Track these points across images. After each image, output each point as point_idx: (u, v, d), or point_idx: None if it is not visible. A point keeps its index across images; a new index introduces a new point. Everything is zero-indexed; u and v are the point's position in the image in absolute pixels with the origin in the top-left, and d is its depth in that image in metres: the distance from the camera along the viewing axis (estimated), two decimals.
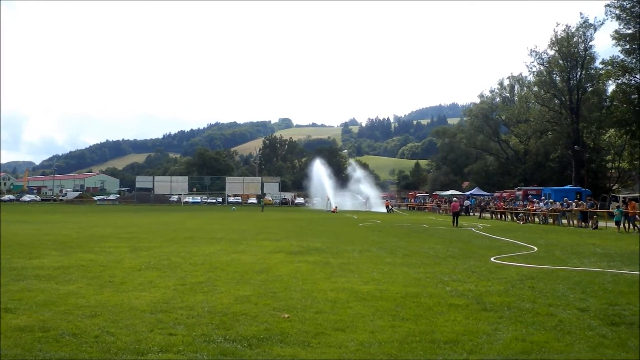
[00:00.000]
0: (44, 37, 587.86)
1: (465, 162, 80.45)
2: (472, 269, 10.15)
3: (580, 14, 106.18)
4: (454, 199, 34.48)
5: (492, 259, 11.78)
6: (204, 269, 9.93)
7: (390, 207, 52.45)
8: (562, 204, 30.03)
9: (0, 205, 59.79)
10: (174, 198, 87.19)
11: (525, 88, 66.94)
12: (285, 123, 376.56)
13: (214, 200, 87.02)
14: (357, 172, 77.99)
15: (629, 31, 43.05)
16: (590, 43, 51.55)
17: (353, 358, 4.69)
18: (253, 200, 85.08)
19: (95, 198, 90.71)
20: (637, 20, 42.56)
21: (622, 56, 44.15)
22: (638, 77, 44.39)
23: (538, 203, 33.19)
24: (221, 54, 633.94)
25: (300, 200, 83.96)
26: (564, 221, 28.98)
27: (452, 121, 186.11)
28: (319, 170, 68.14)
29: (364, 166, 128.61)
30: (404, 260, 11.65)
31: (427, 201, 60.58)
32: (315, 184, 69.99)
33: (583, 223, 27.23)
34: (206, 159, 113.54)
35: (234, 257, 11.77)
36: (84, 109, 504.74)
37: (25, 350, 4.80)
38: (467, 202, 46.95)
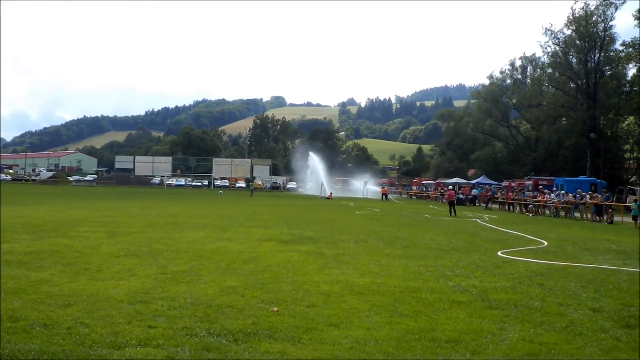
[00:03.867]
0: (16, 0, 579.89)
1: (472, 148, 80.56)
2: (477, 263, 10.19)
3: None
4: (449, 187, 34.61)
5: (498, 253, 11.83)
6: (187, 257, 9.92)
7: (387, 194, 52.40)
8: (575, 196, 30.17)
9: None
10: (156, 180, 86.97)
11: (538, 70, 66.87)
12: (278, 101, 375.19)
13: (200, 184, 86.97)
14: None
15: None
16: (611, 23, 51.43)
17: (347, 356, 4.68)
18: (241, 184, 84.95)
19: (71, 179, 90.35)
20: None
21: None
22: None
23: (549, 194, 33.32)
24: (209, 24, 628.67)
25: (292, 185, 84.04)
26: (577, 214, 29.14)
27: (459, 103, 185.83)
28: (313, 160, 68.14)
29: (362, 150, 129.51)
30: (403, 252, 11.68)
31: (430, 189, 60.61)
32: (308, 169, 70.09)
33: (597, 217, 27.36)
34: (192, 138, 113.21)
35: (220, 245, 11.77)
36: (60, 81, 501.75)
37: None
38: (473, 192, 47.08)
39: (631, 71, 51.64)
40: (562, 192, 32.68)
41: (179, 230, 14.89)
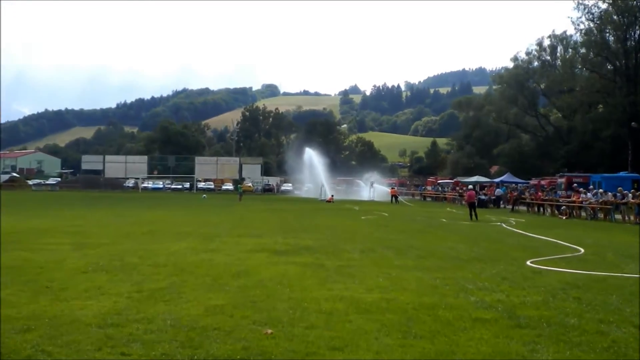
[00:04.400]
0: None
1: (495, 141, 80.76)
2: (503, 275, 10.18)
3: None
4: (469, 186, 34.67)
5: (527, 263, 11.83)
6: (167, 271, 9.91)
7: (397, 196, 52.51)
8: (615, 195, 30.16)
9: None
10: (130, 183, 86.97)
11: (570, 50, 66.95)
12: (270, 90, 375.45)
13: (180, 186, 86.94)
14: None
15: None
16: None
17: None
18: (229, 186, 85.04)
19: (31, 182, 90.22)
20: None
21: None
22: None
23: (585, 194, 33.34)
24: (190, 1, 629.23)
25: (287, 187, 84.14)
26: (618, 216, 29.14)
27: (479, 90, 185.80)
28: (311, 157, 68.25)
29: (368, 145, 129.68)
30: (416, 262, 11.68)
31: (447, 189, 60.67)
32: (306, 168, 70.13)
33: None
34: (171, 134, 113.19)
35: (205, 257, 11.78)
36: (16, 68, 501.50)
37: None
38: (497, 191, 47.14)
39: None
40: (600, 190, 32.67)
41: (157, 241, 14.90)
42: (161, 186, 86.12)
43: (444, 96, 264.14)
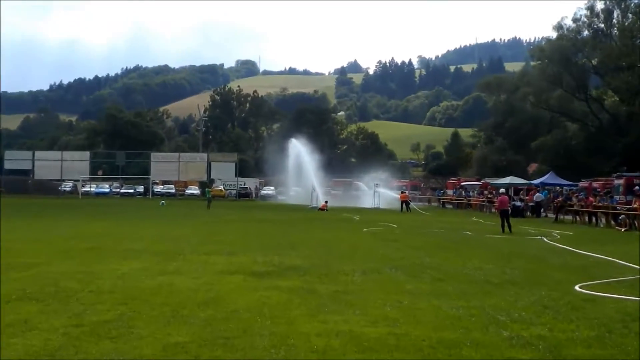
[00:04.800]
0: None
1: (533, 132, 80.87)
2: (545, 303, 10.19)
3: None
4: (501, 190, 34.72)
5: (576, 287, 11.84)
6: (114, 299, 9.86)
7: (408, 202, 52.49)
8: None
9: None
10: (67, 186, 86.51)
11: (630, 16, 67.06)
12: (247, 68, 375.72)
13: (132, 191, 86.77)
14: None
15: None
16: None
17: None
18: (194, 190, 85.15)
19: None
20: None
21: None
22: None
23: None
24: None
25: (269, 191, 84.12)
26: None
27: (512, 67, 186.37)
28: (299, 152, 68.26)
29: (372, 138, 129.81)
30: (433, 287, 11.70)
31: (472, 194, 60.71)
32: (292, 167, 70.11)
33: None
34: (119, 124, 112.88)
35: (163, 281, 11.76)
36: None
37: None
38: (537, 196, 47.20)
39: None
40: None
41: (102, 260, 14.85)
42: (107, 190, 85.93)
43: (468, 75, 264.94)
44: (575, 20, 71.24)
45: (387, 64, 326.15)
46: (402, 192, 57.24)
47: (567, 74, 70.41)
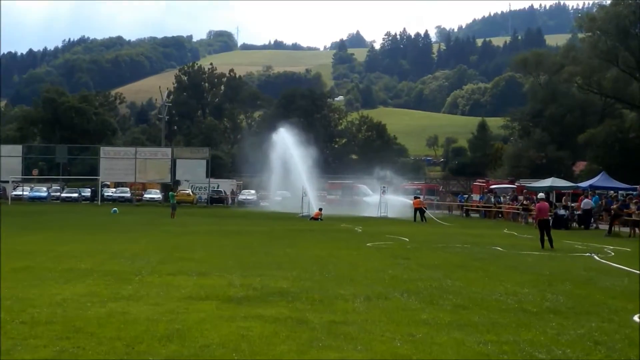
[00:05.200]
0: None
1: (581, 122, 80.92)
2: (595, 337, 10.17)
3: None
4: (540, 195, 34.68)
5: (634, 318, 11.82)
6: (53, 332, 9.80)
7: (423, 210, 52.46)
8: None
9: None
10: None
11: None
12: (222, 41, 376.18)
13: (76, 195, 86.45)
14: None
15: None
16: None
17: None
18: (155, 194, 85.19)
19: None
20: None
21: None
22: None
23: None
24: None
25: (249, 195, 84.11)
26: None
27: (554, 40, 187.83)
28: (286, 145, 68.08)
29: (378, 129, 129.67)
30: (455, 316, 11.69)
31: (504, 199, 60.63)
32: (278, 166, 69.91)
33: None
34: (60, 110, 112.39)
35: (115, 308, 11.72)
36: None
37: None
38: (586, 203, 47.08)
39: None
40: None
41: (38, 283, 14.79)
42: (45, 194, 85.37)
43: (499, 51, 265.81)
44: None
45: (398, 36, 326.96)
46: (415, 198, 57.19)
47: (625, 49, 70.21)
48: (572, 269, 19.98)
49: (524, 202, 52.98)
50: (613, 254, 25.49)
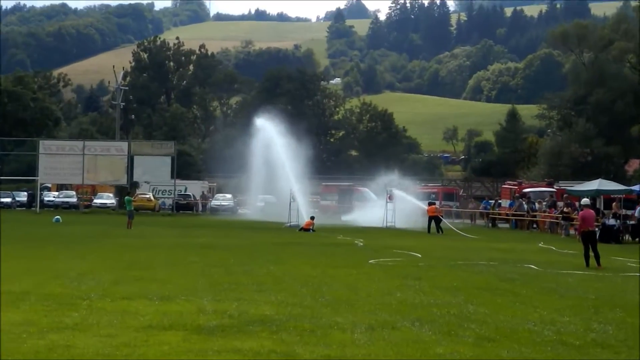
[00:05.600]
0: None
1: (635, 111, 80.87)
2: None
3: None
4: (584, 200, 34.59)
5: None
6: None
7: (439, 219, 52.40)
8: None
9: None
10: None
11: None
12: (191, 11, 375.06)
13: (9, 200, 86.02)
14: None
15: None
16: None
17: None
18: (107, 199, 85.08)
19: None
20: None
21: None
22: None
23: None
24: None
25: (223, 200, 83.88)
26: None
27: (601, 9, 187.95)
28: (269, 136, 67.94)
29: (383, 119, 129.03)
30: (479, 350, 11.72)
31: (540, 206, 60.62)
32: (260, 164, 69.77)
33: None
34: None
35: (57, 341, 11.66)
36: None
37: None
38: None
39: None
40: None
41: None
42: None
43: (533, 22, 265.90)
44: None
45: (408, 4, 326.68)
46: (430, 204, 56.89)
47: None
48: (624, 293, 19.95)
49: (564, 210, 52.93)
50: None
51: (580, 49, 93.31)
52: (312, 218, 51.49)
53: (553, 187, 66.17)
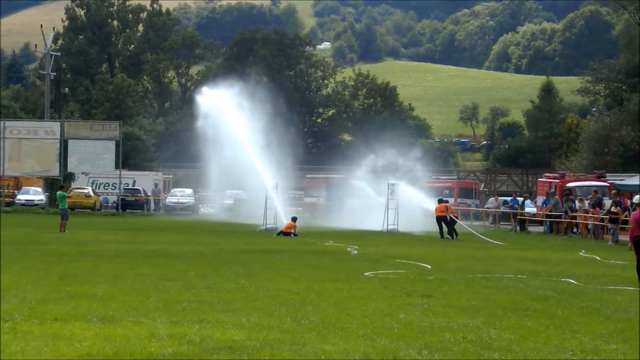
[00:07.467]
0: None
1: None
2: None
3: None
4: (636, 198, 34.80)
5: None
6: None
7: (453, 220, 52.45)
8: None
9: None
10: None
11: None
12: None
13: None
14: None
15: None
16: None
17: None
18: (35, 194, 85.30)
19: None
20: None
21: None
22: None
23: None
24: None
25: (182, 197, 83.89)
26: None
27: None
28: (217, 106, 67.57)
29: (383, 94, 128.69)
30: None
31: (581, 205, 60.57)
32: (225, 150, 69.37)
33: None
34: None
35: None
36: None
37: None
38: None
39: None
40: None
41: None
42: None
43: None
44: None
45: None
46: (440, 201, 56.64)
47: None
48: None
49: (612, 209, 52.99)
50: None
51: (635, 5, 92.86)
52: (294, 219, 51.62)
53: (605, 181, 65.88)
